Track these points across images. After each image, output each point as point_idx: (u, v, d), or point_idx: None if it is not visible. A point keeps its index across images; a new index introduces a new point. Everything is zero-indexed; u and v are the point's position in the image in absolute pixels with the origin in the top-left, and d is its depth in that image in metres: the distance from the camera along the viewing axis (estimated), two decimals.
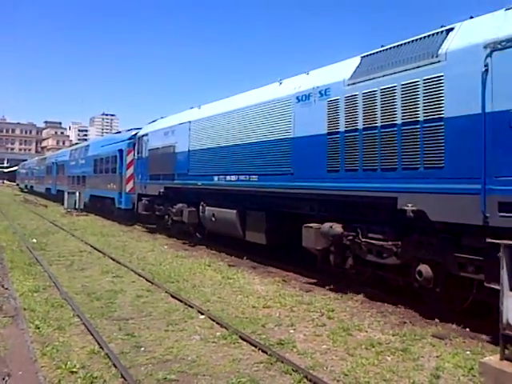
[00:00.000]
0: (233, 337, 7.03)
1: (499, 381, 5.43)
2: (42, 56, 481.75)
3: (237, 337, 7.02)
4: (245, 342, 6.85)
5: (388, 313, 8.60)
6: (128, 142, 23.94)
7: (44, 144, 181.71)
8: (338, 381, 5.65)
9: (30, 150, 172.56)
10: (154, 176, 18.88)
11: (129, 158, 23.21)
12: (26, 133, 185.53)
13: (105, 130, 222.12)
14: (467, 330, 7.51)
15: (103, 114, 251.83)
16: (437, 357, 6.45)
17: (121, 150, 24.62)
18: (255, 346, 6.66)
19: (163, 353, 6.50)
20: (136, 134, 22.64)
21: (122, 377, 5.64)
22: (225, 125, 13.76)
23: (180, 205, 16.74)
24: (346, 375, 5.80)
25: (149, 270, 12.30)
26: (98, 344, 6.68)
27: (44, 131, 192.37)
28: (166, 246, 16.89)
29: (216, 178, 13.94)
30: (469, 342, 7.05)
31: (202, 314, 8.27)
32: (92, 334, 7.10)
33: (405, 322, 8.04)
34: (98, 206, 29.38)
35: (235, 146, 13.15)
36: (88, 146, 34.23)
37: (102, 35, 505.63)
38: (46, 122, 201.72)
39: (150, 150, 19.41)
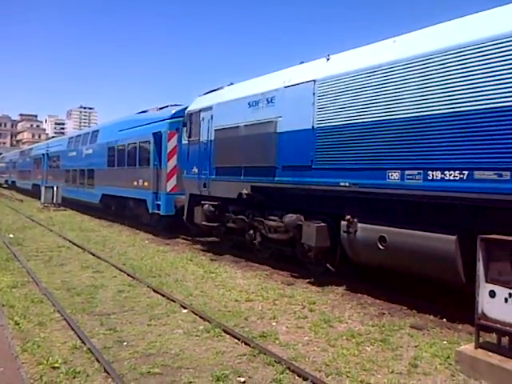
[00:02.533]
0: (216, 330, 7.10)
1: (474, 368, 5.64)
2: (17, 47, 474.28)
3: (220, 330, 7.09)
4: (228, 335, 6.93)
5: (368, 304, 8.77)
6: (169, 121, 17.21)
7: (19, 137, 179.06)
8: (319, 371, 5.77)
9: (4, 143, 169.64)
10: (224, 169, 12.86)
11: (171, 145, 16.95)
12: (0, 126, 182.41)
13: (82, 124, 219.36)
14: (444, 320, 7.70)
15: (81, 107, 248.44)
16: (415, 347, 6.62)
17: (157, 134, 17.71)
18: (238, 339, 6.74)
19: (146, 347, 6.53)
20: (182, 110, 16.43)
21: (105, 371, 5.67)
22: (411, 80, 7.97)
23: (292, 216, 10.61)
24: (328, 365, 5.93)
25: (130, 264, 12.28)
26: (80, 339, 6.68)
27: (19, 124, 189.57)
28: (147, 241, 16.86)
29: (391, 175, 8.21)
30: (446, 332, 7.25)
31: (185, 308, 8.31)
32: (73, 330, 7.09)
33: (384, 314, 8.22)
34: (115, 210, 23.00)
35: (440, 117, 7.54)
36: (97, 131, 26.46)
37: (79, 26, 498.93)
38: (21, 115, 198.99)
39: (216, 130, 13.22)
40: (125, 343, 6.68)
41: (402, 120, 8.07)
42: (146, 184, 18.42)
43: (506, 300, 5.54)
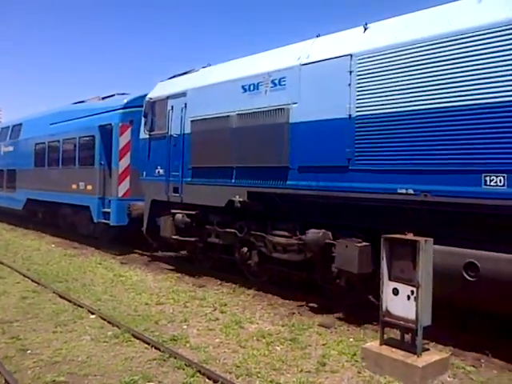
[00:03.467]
0: (125, 335, 6.91)
1: (379, 364, 5.86)
2: None
3: (129, 335, 6.92)
4: (137, 340, 6.77)
5: (278, 305, 8.91)
6: (122, 111, 14.43)
7: None
8: (230, 373, 5.77)
9: None
10: (206, 171, 10.30)
11: (123, 140, 14.14)
12: None
13: None
14: (351, 318, 7.96)
15: None
16: (323, 345, 6.79)
17: (105, 127, 14.78)
18: (148, 344, 6.61)
19: (51, 355, 6.25)
20: (138, 98, 14.17)
21: (6, 382, 5.37)
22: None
23: (317, 232, 8.23)
24: (238, 367, 5.94)
25: (35, 269, 11.73)
26: None
27: None
28: (53, 245, 16.19)
29: (490, 180, 6.04)
30: (352, 330, 7.50)
31: (93, 313, 8.04)
32: None
33: (294, 313, 8.38)
34: (42, 217, 19.89)
35: None
36: (19, 125, 22.03)
37: None
38: None
39: (193, 121, 10.60)
40: (28, 351, 6.36)
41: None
42: (89, 188, 15.30)
43: (409, 297, 5.80)
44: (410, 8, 7.50)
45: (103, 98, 17.08)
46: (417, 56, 6.77)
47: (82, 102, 18.45)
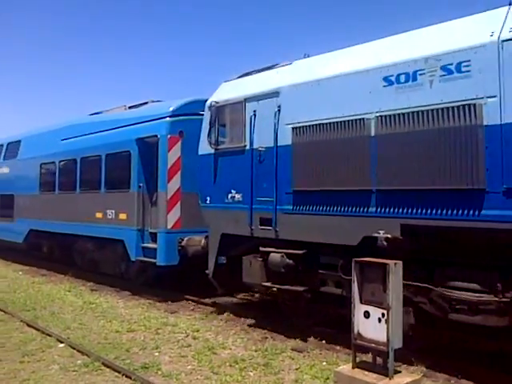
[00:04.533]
0: (95, 364, 6.78)
1: None
2: None
3: (99, 363, 6.78)
4: (108, 369, 6.65)
5: (251, 329, 8.86)
6: (171, 121, 11.53)
7: None
8: None
9: None
10: (320, 195, 7.70)
11: (173, 156, 11.30)
12: None
13: None
14: (324, 342, 7.96)
15: None
16: (296, 369, 6.76)
17: (145, 140, 12.00)
18: (119, 372, 6.49)
19: None
20: (191, 104, 11.79)
21: None
22: None
23: None
24: None
25: (1, 298, 11.46)
26: None
27: None
28: (20, 272, 15.84)
29: None
30: (325, 353, 7.49)
31: (62, 342, 7.87)
32: None
33: (266, 338, 8.34)
34: (48, 252, 17.03)
35: None
36: (16, 142, 18.82)
37: None
38: None
39: (296, 128, 8.09)
40: None
41: None
42: (122, 217, 12.27)
43: (380, 320, 5.86)
44: None
45: (130, 107, 14.11)
46: None
47: (99, 113, 15.48)
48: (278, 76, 8.82)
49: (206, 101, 9.87)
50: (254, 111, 8.86)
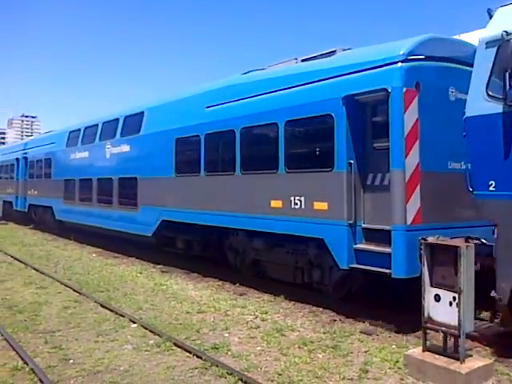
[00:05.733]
0: (166, 344, 6.96)
1: (421, 370, 5.79)
2: None
3: (171, 344, 6.97)
4: (179, 349, 6.82)
5: (319, 312, 8.85)
6: (406, 66, 7.93)
7: None
8: (272, 381, 5.75)
9: None
10: None
11: (409, 119, 7.83)
12: None
13: (25, 133, 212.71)
14: (393, 325, 7.82)
15: (23, 116, 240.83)
16: (365, 352, 6.71)
17: (360, 99, 8.55)
18: (189, 352, 6.64)
19: (94, 364, 6.34)
20: (430, 41, 8.38)
21: None
22: None
23: None
24: (280, 375, 5.91)
25: (76, 279, 11.93)
26: (22, 359, 6.43)
27: None
28: (94, 254, 16.44)
29: None
30: (394, 337, 7.38)
31: (134, 322, 8.13)
32: (15, 350, 6.82)
33: (335, 320, 8.31)
34: (186, 249, 13.69)
35: None
36: (139, 114, 15.37)
37: (20, 32, 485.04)
38: None
39: None
40: (71, 361, 6.47)
41: None
42: (319, 206, 8.87)
43: (451, 303, 5.71)
44: None
45: (305, 60, 10.51)
46: None
47: (257, 70, 11.90)
48: None
49: (446, 40, 7.97)
50: None
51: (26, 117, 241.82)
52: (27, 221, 26.21)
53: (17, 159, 27.55)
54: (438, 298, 5.87)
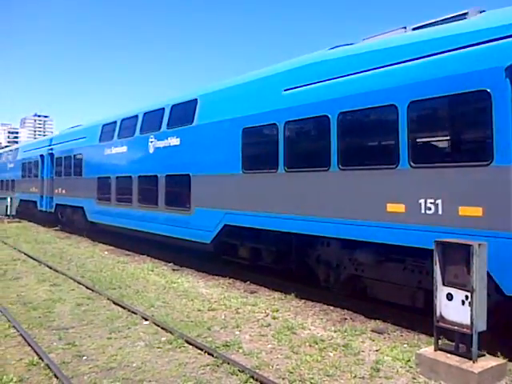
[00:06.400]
0: (178, 341, 7.02)
1: (434, 370, 5.77)
2: None
3: (182, 341, 7.02)
4: (190, 346, 6.87)
5: (330, 310, 8.86)
6: None
7: None
8: (283, 379, 5.77)
9: None
10: None
11: None
12: None
13: (37, 132, 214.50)
14: (404, 324, 7.82)
15: (35, 116, 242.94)
16: (376, 351, 6.71)
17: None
18: (201, 349, 6.68)
19: (107, 361, 6.41)
20: None
21: None
22: None
23: None
24: (291, 373, 5.93)
25: (89, 277, 12.02)
26: (37, 355, 6.51)
27: None
28: (106, 252, 16.56)
29: None
30: (406, 336, 7.38)
31: (146, 319, 8.19)
32: (30, 345, 6.91)
33: (346, 319, 8.31)
34: (251, 259, 11.67)
35: None
36: (191, 103, 13.33)
37: (32, 33, 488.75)
38: None
39: None
40: (84, 357, 6.53)
41: None
42: (471, 212, 6.74)
43: (463, 302, 5.69)
44: None
45: (416, 29, 8.48)
46: None
47: (338, 47, 9.79)
48: None
49: None
50: None
51: (39, 116, 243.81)
52: (52, 222, 24.79)
53: (41, 156, 25.49)
54: (450, 297, 5.85)
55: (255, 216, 10.38)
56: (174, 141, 13.56)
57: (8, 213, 28.76)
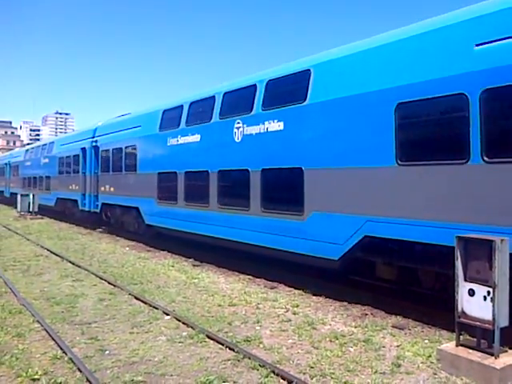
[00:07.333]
0: (199, 336, 7.07)
1: (454, 365, 5.74)
2: None
3: (203, 336, 7.07)
4: (211, 341, 6.92)
5: (350, 306, 8.83)
6: None
7: None
8: (304, 373, 5.79)
9: None
10: None
11: None
12: None
13: (59, 130, 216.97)
14: (425, 319, 7.77)
15: (57, 113, 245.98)
16: (397, 346, 6.69)
17: None
18: (222, 344, 6.73)
19: (129, 355, 6.48)
20: None
21: (88, 381, 5.61)
22: None
23: None
24: (312, 367, 5.95)
25: (110, 272, 12.16)
26: (61, 349, 6.62)
27: None
28: (127, 248, 16.71)
29: None
30: (427, 331, 7.34)
31: (168, 314, 8.27)
32: (54, 340, 7.02)
33: (366, 314, 8.29)
34: (424, 283, 8.42)
35: None
36: (303, 74, 10.22)
37: (54, 32, 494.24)
38: None
39: None
40: (107, 352, 6.62)
41: None
42: None
43: (485, 298, 5.64)
44: None
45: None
46: None
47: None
48: None
49: None
50: None
51: (60, 114, 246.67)
52: (95, 223, 22.51)
53: (83, 149, 22.66)
54: (472, 293, 5.80)
55: (422, 226, 7.50)
56: (274, 125, 10.70)
57: (30, 209, 29.14)
